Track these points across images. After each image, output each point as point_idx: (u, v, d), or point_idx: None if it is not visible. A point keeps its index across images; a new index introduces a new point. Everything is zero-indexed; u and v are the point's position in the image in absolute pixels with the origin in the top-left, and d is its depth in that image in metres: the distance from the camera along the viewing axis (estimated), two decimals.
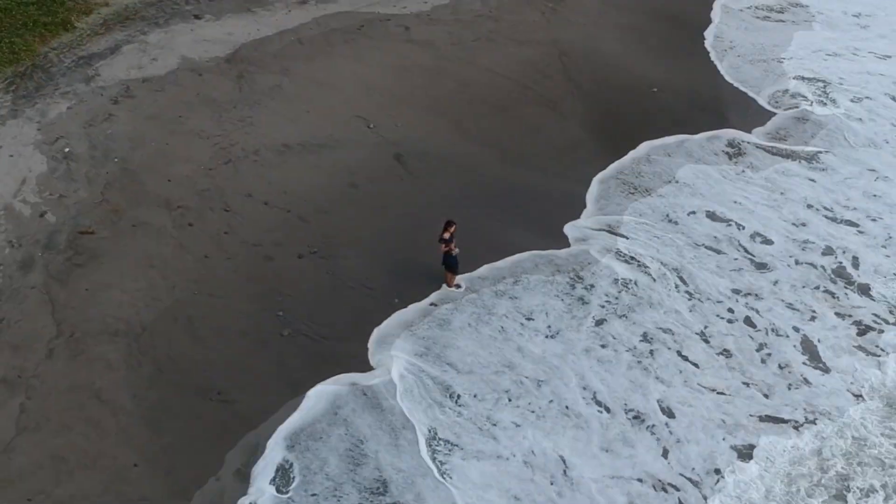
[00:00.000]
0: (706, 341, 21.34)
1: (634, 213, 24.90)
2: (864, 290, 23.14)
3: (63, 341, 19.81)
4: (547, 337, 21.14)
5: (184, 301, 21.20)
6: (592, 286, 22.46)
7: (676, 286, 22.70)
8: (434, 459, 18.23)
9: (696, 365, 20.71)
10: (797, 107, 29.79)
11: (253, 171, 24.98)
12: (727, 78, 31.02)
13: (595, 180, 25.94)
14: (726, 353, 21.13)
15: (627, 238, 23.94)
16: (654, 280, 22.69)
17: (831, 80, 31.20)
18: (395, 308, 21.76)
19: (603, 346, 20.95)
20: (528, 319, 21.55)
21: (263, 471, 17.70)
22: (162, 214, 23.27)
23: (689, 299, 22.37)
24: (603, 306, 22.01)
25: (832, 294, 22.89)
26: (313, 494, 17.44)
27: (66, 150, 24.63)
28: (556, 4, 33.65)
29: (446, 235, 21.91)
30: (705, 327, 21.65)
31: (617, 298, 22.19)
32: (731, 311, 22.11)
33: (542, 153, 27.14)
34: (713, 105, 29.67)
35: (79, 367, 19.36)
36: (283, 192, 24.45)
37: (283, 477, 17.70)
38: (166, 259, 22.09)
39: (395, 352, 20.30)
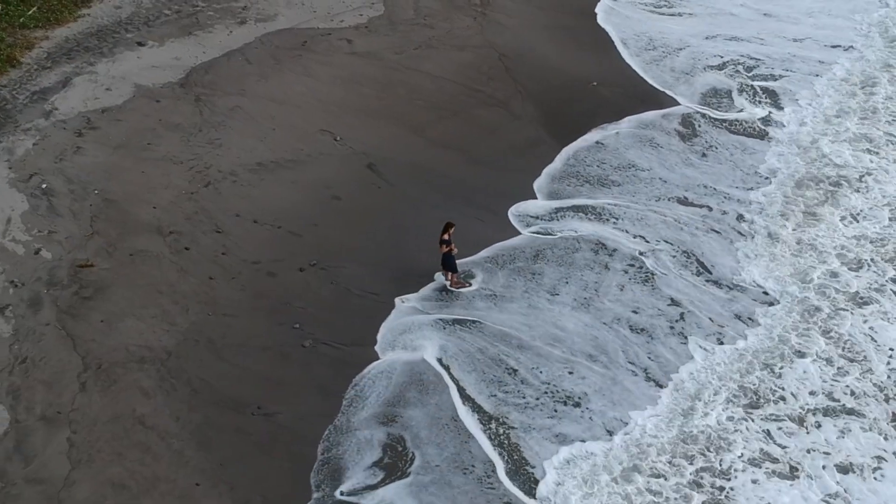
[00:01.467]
0: None
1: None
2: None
3: (92, 374, 19.93)
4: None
5: (200, 323, 21.54)
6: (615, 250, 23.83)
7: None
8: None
9: None
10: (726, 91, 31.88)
11: (234, 191, 25.37)
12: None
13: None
14: None
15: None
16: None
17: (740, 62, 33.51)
18: (401, 310, 22.55)
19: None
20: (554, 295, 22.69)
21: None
22: (156, 241, 23.47)
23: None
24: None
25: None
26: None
27: (44, 185, 24.51)
28: (484, 9, 34.91)
29: (446, 237, 22.85)
30: None
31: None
32: None
33: (503, 152, 28.35)
34: (651, 95, 31.39)
35: (115, 397, 19.54)
36: (269, 209, 24.93)
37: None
38: (172, 284, 22.35)
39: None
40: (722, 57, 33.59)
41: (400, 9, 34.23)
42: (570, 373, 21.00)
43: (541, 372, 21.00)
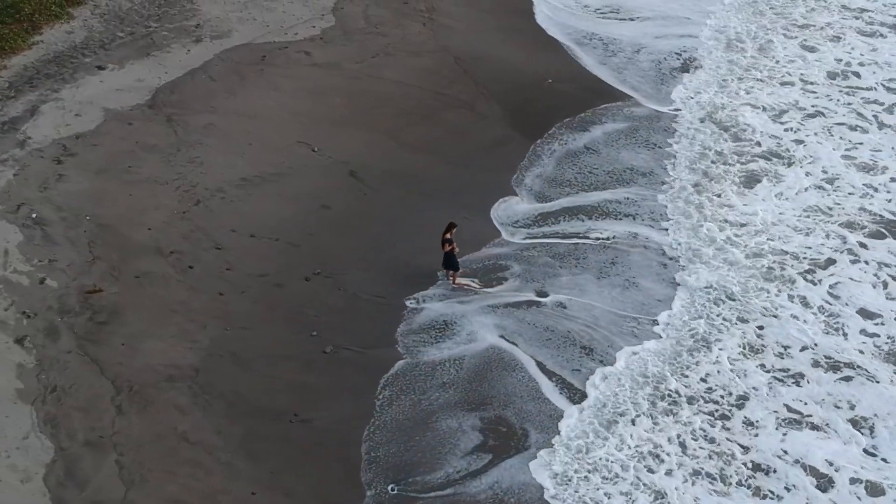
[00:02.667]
0: None
1: None
2: None
3: (126, 396, 20.06)
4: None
5: (220, 338, 21.82)
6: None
7: None
8: None
9: None
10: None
11: (225, 207, 25.62)
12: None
13: None
14: None
15: None
16: None
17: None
18: (413, 310, 23.22)
19: None
20: None
21: None
22: (159, 262, 23.61)
23: None
24: None
25: None
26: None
27: (34, 215, 24.36)
28: (431, 14, 35.70)
29: (448, 236, 23.59)
30: None
31: None
32: None
33: (476, 152, 29.16)
34: (606, 89, 32.68)
35: (153, 417, 19.71)
36: (263, 222, 25.26)
37: None
38: (184, 302, 22.56)
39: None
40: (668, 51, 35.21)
41: (351, 19, 34.76)
42: None
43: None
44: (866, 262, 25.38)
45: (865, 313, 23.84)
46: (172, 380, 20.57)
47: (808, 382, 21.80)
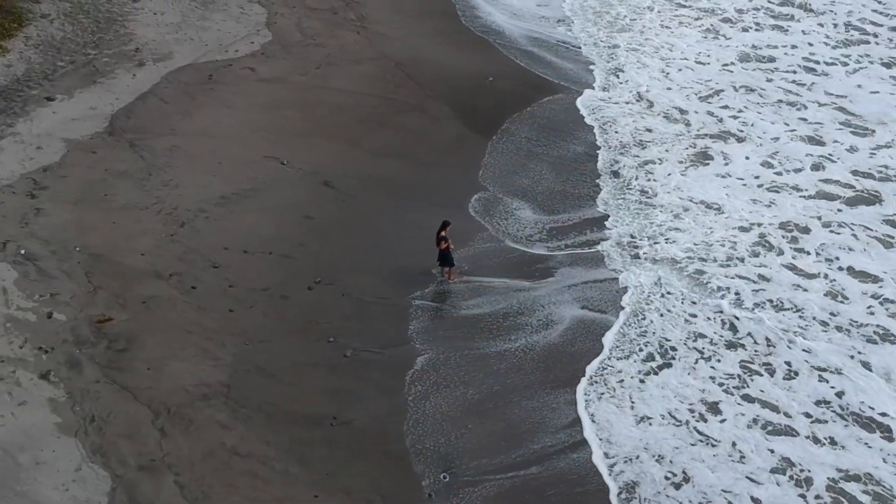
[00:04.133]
0: None
1: None
2: None
3: (166, 419, 20.30)
4: None
5: (241, 354, 22.22)
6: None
7: None
8: None
9: None
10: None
11: (210, 226, 25.89)
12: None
13: None
14: None
15: None
16: None
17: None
18: (419, 308, 24.09)
19: None
20: None
21: None
22: (161, 286, 23.77)
23: None
24: None
25: None
26: None
27: (22, 251, 24.15)
28: (362, 23, 36.47)
29: (444, 234, 24.52)
30: None
31: None
32: None
33: (437, 152, 30.17)
34: (543, 82, 34.14)
35: (197, 435, 20.02)
36: (252, 238, 25.64)
37: None
38: (197, 322, 22.83)
39: None
40: None
41: (286, 32, 35.23)
42: None
43: None
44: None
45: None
46: (206, 398, 20.87)
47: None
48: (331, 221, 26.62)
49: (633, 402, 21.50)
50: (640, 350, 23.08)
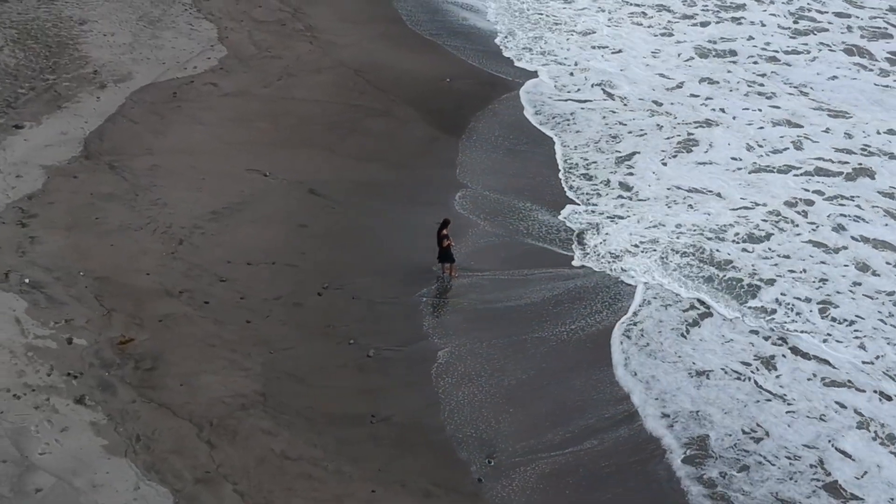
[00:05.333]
0: None
1: None
2: None
3: (210, 431, 20.60)
4: None
5: (269, 362, 22.63)
6: None
7: None
8: None
9: None
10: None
11: (208, 242, 26.16)
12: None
13: None
14: None
15: None
16: None
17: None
18: (428, 305, 24.89)
19: None
20: None
21: None
22: (174, 303, 23.99)
23: None
24: None
25: None
26: None
27: (26, 280, 24.04)
28: (312, 32, 36.99)
29: (445, 232, 25.36)
30: None
31: None
32: None
33: (411, 153, 30.97)
34: (498, 80, 35.25)
35: (245, 444, 20.38)
36: (252, 249, 26.00)
37: None
38: (218, 336, 23.14)
39: None
40: None
41: (240, 46, 35.50)
42: None
43: None
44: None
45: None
46: (245, 408, 21.24)
47: None
48: (325, 228, 27.13)
49: (679, 357, 22.55)
50: (677, 305, 24.40)
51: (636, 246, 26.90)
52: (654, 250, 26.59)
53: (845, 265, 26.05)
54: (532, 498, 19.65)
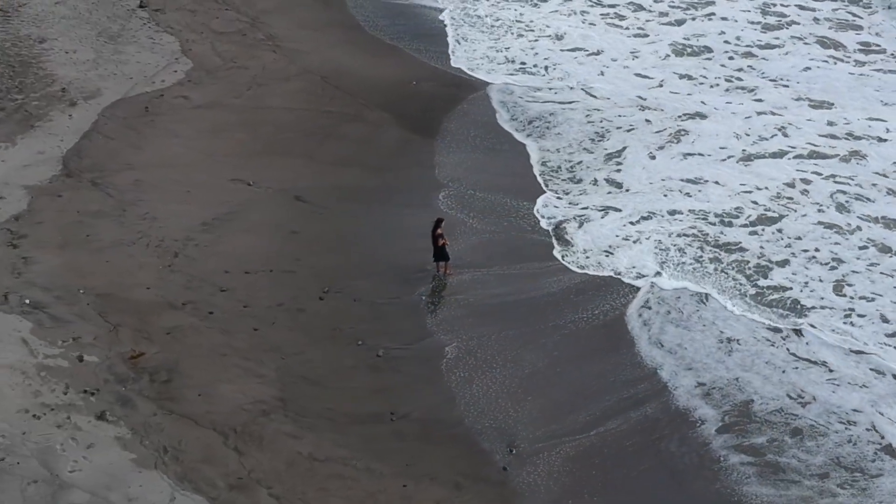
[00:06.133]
0: None
1: None
2: None
3: (236, 439, 20.84)
4: None
5: (282, 368, 22.94)
6: None
7: None
8: None
9: None
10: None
11: (203, 253, 26.32)
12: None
13: None
14: None
15: None
16: None
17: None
18: (428, 303, 25.45)
19: None
20: None
21: None
22: (179, 315, 24.13)
23: None
24: None
25: None
26: None
27: (26, 301, 23.95)
28: (273, 41, 37.19)
29: (440, 231, 25.93)
30: None
31: None
32: None
33: (387, 155, 31.43)
34: (462, 80, 35.92)
35: (272, 448, 20.67)
36: (248, 258, 26.21)
37: None
38: (228, 345, 23.35)
39: None
40: None
41: (205, 58, 35.57)
42: None
43: None
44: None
45: None
46: (266, 413, 21.54)
47: None
48: (316, 234, 27.47)
49: (704, 326, 23.52)
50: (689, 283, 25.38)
51: (639, 233, 27.59)
52: (657, 237, 27.26)
53: (860, 247, 26.93)
54: (559, 481, 20.30)
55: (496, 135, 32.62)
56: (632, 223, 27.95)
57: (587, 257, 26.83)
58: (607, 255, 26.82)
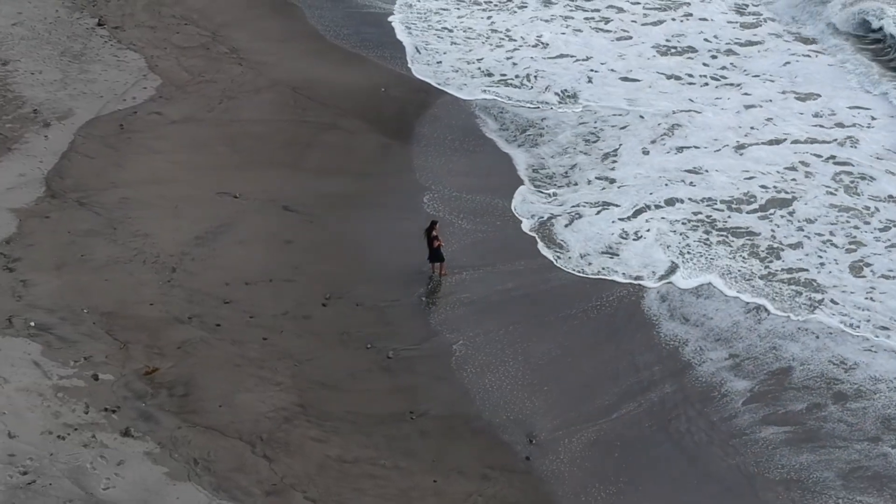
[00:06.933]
0: None
1: None
2: None
3: (263, 446, 21.14)
4: None
5: (298, 374, 23.30)
6: None
7: None
8: None
9: None
10: None
11: (201, 267, 26.50)
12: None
13: None
14: None
15: None
16: None
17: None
18: (429, 303, 26.03)
19: None
20: None
21: None
22: (187, 329, 24.32)
23: None
24: None
25: None
26: None
27: (31, 324, 23.90)
28: (238, 54, 37.25)
29: (435, 233, 26.53)
30: None
31: None
32: None
33: (369, 162, 31.82)
34: (427, 88, 36.51)
35: (300, 452, 21.06)
36: (246, 270, 26.41)
37: None
38: (240, 355, 23.62)
39: None
40: None
41: (172, 73, 35.56)
42: None
43: None
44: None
45: None
46: (289, 420, 21.90)
47: None
48: (309, 242, 27.83)
49: (727, 298, 24.82)
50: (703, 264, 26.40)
51: (647, 221, 28.42)
52: (660, 227, 28.08)
53: (880, 228, 28.04)
54: (583, 466, 21.08)
55: (472, 137, 33.22)
56: (630, 217, 28.81)
57: (589, 263, 27.31)
58: (611, 257, 27.35)
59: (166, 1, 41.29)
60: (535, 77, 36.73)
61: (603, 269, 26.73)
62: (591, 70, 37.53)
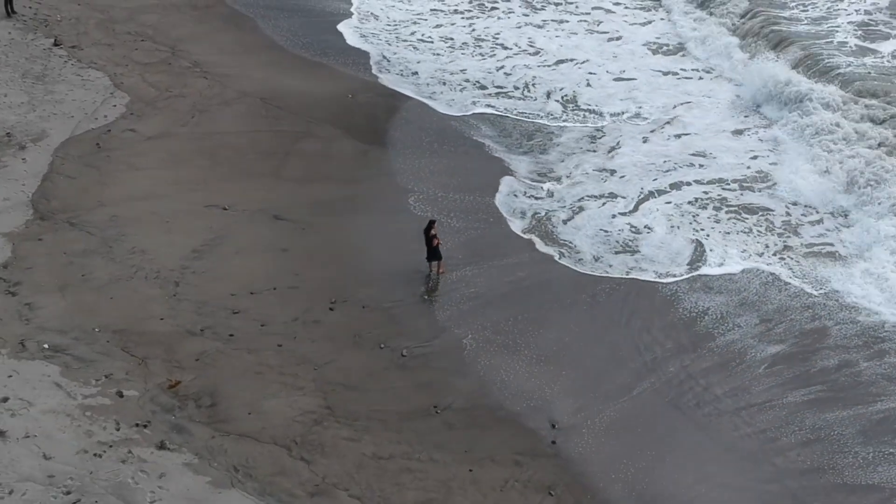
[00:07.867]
0: None
1: None
2: None
3: (299, 449, 21.58)
4: None
5: (319, 378, 23.76)
6: None
7: None
8: None
9: None
10: None
11: (203, 279, 26.77)
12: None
13: None
14: None
15: None
16: None
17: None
18: (433, 301, 26.76)
19: None
20: None
21: None
22: (202, 341, 24.58)
23: None
24: None
25: None
26: None
27: (45, 346, 23.96)
28: (200, 68, 37.44)
29: (433, 232, 27.26)
30: None
31: None
32: None
33: (351, 167, 32.41)
34: (391, 92, 37.22)
35: (337, 452, 21.55)
36: (249, 280, 26.73)
37: None
38: (260, 363, 23.97)
39: None
40: None
41: (139, 90, 35.60)
42: None
43: None
44: None
45: None
46: (318, 422, 22.39)
47: None
48: (305, 249, 28.27)
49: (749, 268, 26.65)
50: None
51: (659, 203, 29.94)
52: (675, 204, 29.74)
53: None
54: (609, 444, 22.06)
55: (449, 137, 33.99)
56: (633, 209, 30.03)
57: (610, 265, 28.11)
58: (632, 254, 28.36)
59: (118, 18, 41.16)
60: (533, 85, 37.80)
61: (630, 269, 27.73)
62: (590, 73, 39.01)
